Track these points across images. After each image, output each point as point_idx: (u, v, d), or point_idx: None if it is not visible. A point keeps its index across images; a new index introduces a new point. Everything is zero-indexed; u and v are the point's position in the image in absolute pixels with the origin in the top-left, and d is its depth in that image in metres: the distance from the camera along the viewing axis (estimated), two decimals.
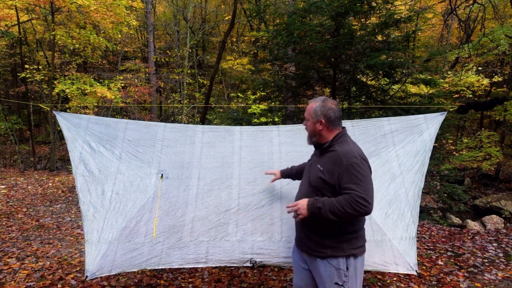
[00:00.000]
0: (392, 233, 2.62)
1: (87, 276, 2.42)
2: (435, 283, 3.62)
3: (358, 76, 6.01)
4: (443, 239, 5.23)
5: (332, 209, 1.77)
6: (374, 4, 5.66)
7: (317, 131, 2.01)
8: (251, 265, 2.51)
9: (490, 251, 4.69)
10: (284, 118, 7.64)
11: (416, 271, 2.53)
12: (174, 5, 17.43)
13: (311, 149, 2.91)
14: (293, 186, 2.70)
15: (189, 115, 13.60)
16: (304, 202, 1.86)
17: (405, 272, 2.57)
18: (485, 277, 3.80)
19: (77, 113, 10.55)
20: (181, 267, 2.61)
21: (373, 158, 2.83)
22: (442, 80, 9.49)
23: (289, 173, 2.54)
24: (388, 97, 6.26)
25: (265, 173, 2.71)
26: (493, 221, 6.54)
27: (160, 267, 2.55)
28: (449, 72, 11.02)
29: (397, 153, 2.83)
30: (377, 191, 2.74)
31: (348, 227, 1.91)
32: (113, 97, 10.51)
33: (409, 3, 13.17)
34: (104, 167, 2.73)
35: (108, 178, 2.70)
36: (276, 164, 2.87)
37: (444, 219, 6.68)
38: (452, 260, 4.30)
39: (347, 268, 1.90)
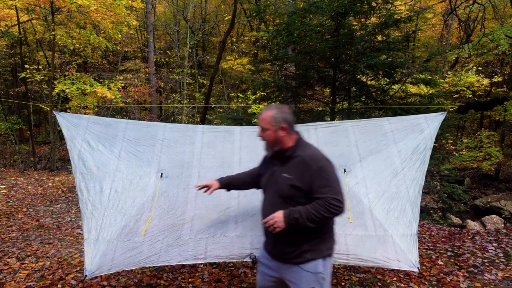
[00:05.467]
0: (394, 230, 2.62)
1: (86, 275, 2.41)
2: (435, 283, 3.62)
3: (358, 76, 6.00)
4: (443, 239, 5.23)
5: (309, 217, 1.76)
6: (374, 4, 5.66)
7: (280, 139, 1.95)
8: (251, 260, 2.48)
9: (490, 251, 4.69)
10: None
11: (418, 268, 2.53)
12: (174, 5, 17.43)
13: None
14: None
15: (189, 115, 13.59)
16: (280, 215, 1.82)
17: (407, 269, 2.56)
18: (485, 277, 3.80)
19: (77, 113, 10.55)
20: (180, 263, 2.61)
21: (375, 154, 2.83)
22: (442, 80, 9.49)
23: (229, 183, 2.35)
24: (388, 97, 6.25)
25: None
26: (493, 221, 6.54)
27: (159, 265, 2.54)
28: (449, 72, 11.02)
29: (398, 149, 2.83)
30: (379, 185, 2.75)
31: (323, 228, 1.91)
32: (113, 97, 10.51)
33: (409, 3, 13.17)
34: (103, 164, 2.72)
35: (107, 175, 2.69)
36: None
37: (444, 219, 6.67)
38: (452, 260, 4.30)
39: (324, 269, 1.89)
